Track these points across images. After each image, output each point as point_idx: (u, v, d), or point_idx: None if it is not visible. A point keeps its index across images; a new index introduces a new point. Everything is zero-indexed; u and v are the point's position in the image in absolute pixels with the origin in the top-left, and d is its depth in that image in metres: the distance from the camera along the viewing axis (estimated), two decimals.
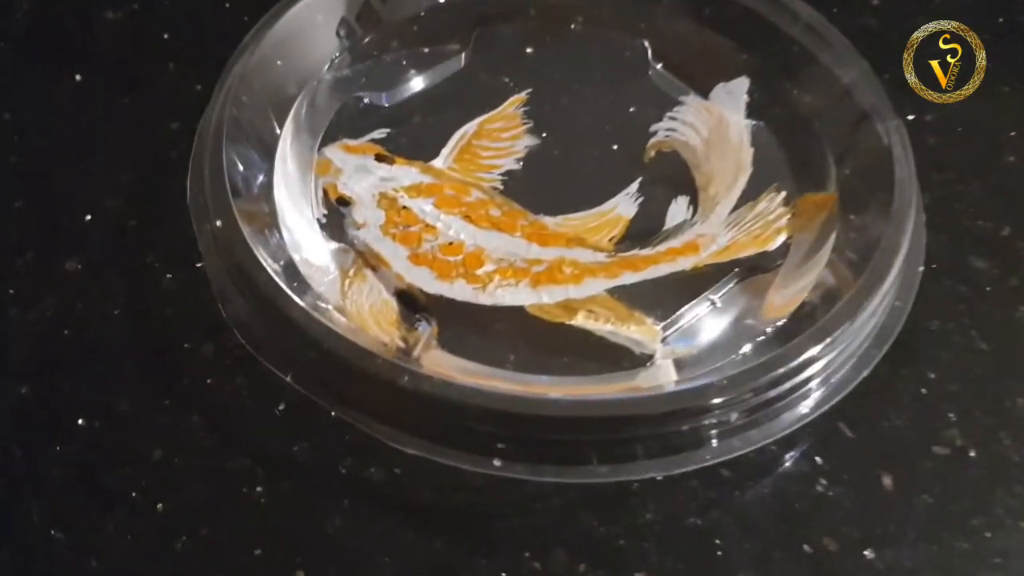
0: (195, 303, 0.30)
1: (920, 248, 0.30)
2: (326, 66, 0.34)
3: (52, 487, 0.27)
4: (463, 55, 0.36)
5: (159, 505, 0.27)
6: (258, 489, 0.27)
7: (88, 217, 0.32)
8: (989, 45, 0.35)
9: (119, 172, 0.33)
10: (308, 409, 0.27)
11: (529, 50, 0.36)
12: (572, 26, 0.37)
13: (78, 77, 0.36)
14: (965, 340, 0.30)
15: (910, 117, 0.35)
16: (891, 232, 0.28)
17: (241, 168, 0.31)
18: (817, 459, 0.28)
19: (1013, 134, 0.36)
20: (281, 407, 0.28)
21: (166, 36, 0.37)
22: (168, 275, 0.31)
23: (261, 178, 0.31)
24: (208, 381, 0.28)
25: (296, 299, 0.27)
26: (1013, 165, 0.35)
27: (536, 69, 0.36)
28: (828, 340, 0.26)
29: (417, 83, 0.35)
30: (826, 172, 0.32)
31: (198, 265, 0.31)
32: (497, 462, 0.26)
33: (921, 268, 0.30)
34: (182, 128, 0.34)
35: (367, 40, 0.35)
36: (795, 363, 0.26)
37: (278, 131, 0.32)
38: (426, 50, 0.36)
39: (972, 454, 0.28)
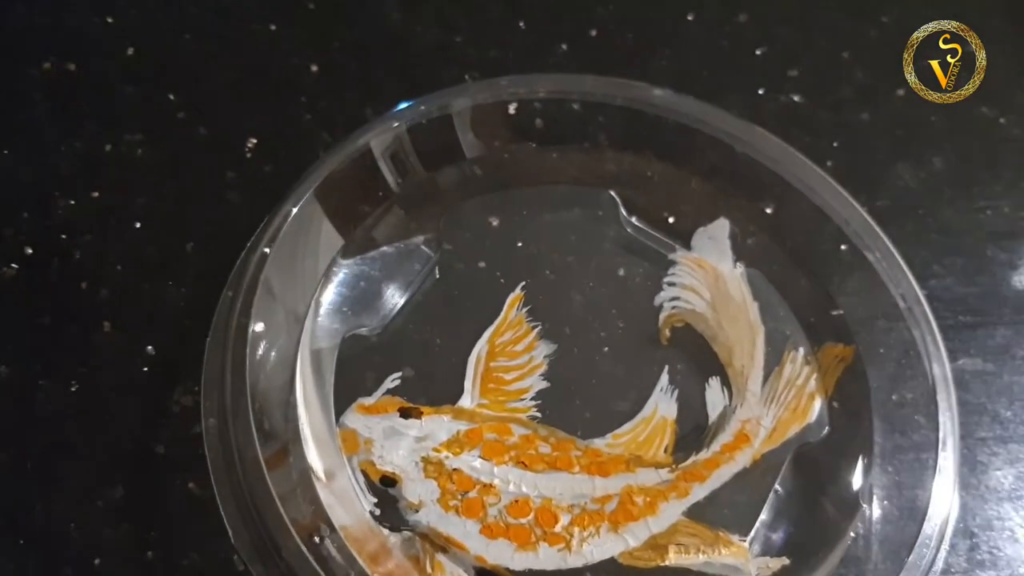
0: None
1: None
2: (312, 306, 0.31)
3: None
4: (432, 248, 0.33)
5: None
6: None
7: (97, 561, 0.28)
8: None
9: (105, 486, 0.29)
10: None
11: (495, 223, 0.34)
12: (525, 186, 0.35)
13: (3, 368, 0.31)
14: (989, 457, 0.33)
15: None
16: (936, 386, 0.30)
17: (272, 449, 0.28)
18: None
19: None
20: None
21: (84, 285, 0.32)
22: None
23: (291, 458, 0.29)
24: None
25: None
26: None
27: (508, 245, 0.34)
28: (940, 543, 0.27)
29: (399, 295, 0.32)
30: (828, 307, 0.33)
31: None
32: None
33: None
34: (149, 409, 0.31)
35: (345, 252, 0.32)
36: None
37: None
38: (392, 249, 0.33)
39: None
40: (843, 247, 0.33)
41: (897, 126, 0.39)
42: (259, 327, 0.30)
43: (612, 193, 0.34)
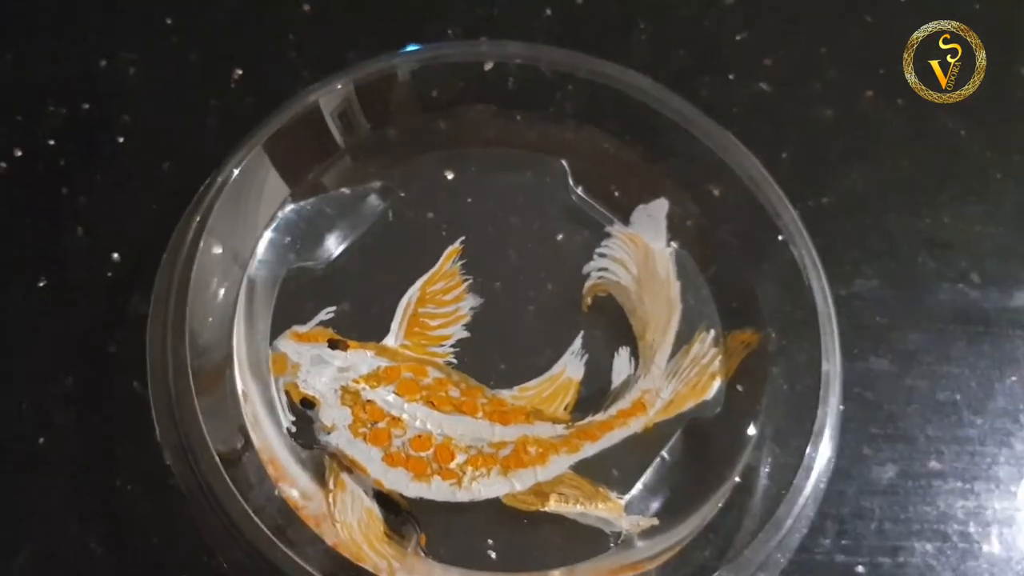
0: (175, 528, 0.31)
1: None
2: (260, 238, 0.34)
3: None
4: (387, 195, 0.35)
5: None
6: None
7: (41, 440, 0.32)
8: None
9: (58, 374, 0.33)
10: None
11: (450, 176, 0.36)
12: (484, 146, 0.37)
13: None
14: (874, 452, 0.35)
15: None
16: (823, 386, 0.32)
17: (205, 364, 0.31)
18: None
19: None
20: None
21: (64, 191, 0.35)
22: (146, 502, 0.31)
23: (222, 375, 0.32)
24: None
25: (286, 551, 0.28)
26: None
27: (459, 199, 0.36)
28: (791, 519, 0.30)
29: (348, 235, 0.35)
30: (748, 295, 0.35)
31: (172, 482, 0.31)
32: None
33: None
34: (109, 312, 0.34)
35: (296, 195, 0.34)
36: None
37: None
38: (348, 191, 0.36)
39: None
40: (779, 238, 0.35)
41: (859, 127, 0.41)
42: (217, 250, 0.32)
43: (563, 162, 0.36)
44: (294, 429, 0.32)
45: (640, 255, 0.35)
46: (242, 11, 0.39)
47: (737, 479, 0.32)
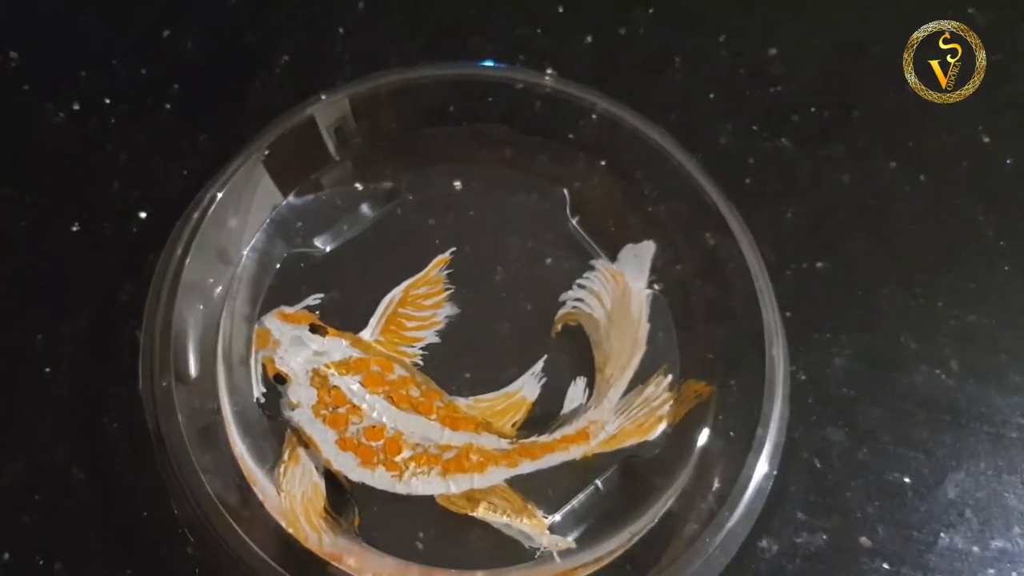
0: (147, 470, 0.34)
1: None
2: (268, 217, 0.37)
3: None
4: (396, 196, 0.38)
5: None
6: None
7: (47, 370, 0.35)
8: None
9: (74, 313, 0.36)
10: None
11: (457, 184, 0.38)
12: (497, 164, 0.39)
13: (27, 199, 0.38)
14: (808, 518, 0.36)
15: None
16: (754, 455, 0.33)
17: (192, 330, 0.34)
18: None
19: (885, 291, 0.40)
20: None
21: (108, 147, 0.39)
22: (123, 443, 0.35)
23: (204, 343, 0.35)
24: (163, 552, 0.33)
25: (231, 522, 0.31)
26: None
27: (461, 209, 0.38)
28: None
29: (352, 228, 0.37)
30: (712, 347, 0.36)
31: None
32: None
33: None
34: (128, 265, 0.37)
35: (309, 183, 0.37)
36: None
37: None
38: (360, 187, 0.38)
39: None
40: (751, 298, 0.36)
41: (873, 196, 0.41)
42: (233, 223, 0.36)
43: (564, 191, 0.38)
44: (263, 400, 0.35)
45: (618, 292, 0.37)
46: (301, 1, 0.42)
47: (656, 521, 0.34)
